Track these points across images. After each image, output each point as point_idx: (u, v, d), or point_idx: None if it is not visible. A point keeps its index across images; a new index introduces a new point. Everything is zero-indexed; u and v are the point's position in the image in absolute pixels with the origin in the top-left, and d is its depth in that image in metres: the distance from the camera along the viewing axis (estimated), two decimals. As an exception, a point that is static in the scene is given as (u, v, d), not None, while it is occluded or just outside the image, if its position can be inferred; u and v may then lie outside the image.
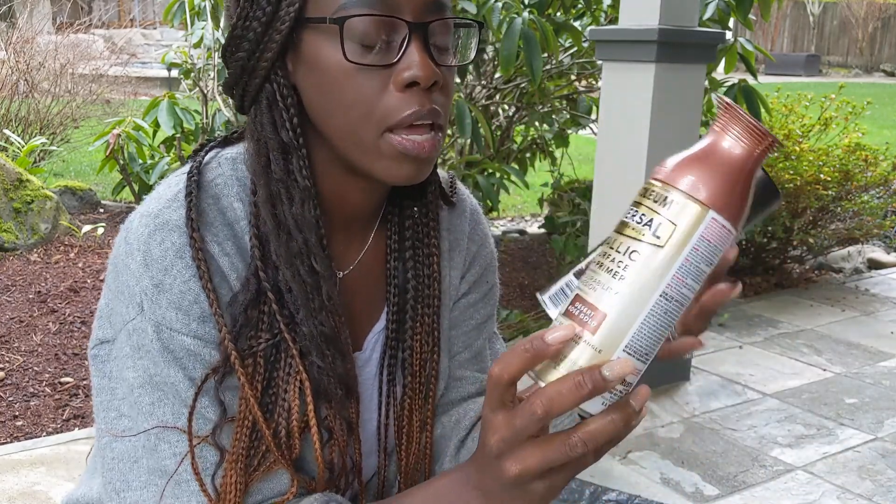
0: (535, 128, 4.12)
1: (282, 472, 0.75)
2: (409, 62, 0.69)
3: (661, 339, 0.57)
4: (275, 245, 0.74)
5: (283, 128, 0.73)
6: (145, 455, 0.73)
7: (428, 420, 0.89)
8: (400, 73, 0.69)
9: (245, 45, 0.73)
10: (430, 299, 0.86)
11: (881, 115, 10.82)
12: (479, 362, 0.95)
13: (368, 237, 0.86)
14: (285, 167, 0.73)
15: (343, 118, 0.71)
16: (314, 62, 0.71)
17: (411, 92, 0.70)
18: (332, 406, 0.77)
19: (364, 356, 0.87)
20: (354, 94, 0.70)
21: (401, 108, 0.70)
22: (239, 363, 0.71)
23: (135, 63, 9.75)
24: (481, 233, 0.95)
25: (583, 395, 0.55)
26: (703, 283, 0.58)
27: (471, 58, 0.77)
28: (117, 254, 0.75)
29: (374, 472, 0.91)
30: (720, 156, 0.57)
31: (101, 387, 0.76)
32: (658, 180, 0.58)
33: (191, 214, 0.72)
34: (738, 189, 0.57)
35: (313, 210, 0.74)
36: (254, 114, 0.75)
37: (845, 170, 3.91)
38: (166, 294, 0.71)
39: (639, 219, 0.57)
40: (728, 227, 0.57)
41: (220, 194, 0.76)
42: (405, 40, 0.69)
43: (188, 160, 0.80)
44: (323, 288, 0.74)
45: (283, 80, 0.73)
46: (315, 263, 0.74)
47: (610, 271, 0.57)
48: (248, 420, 0.73)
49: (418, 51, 0.69)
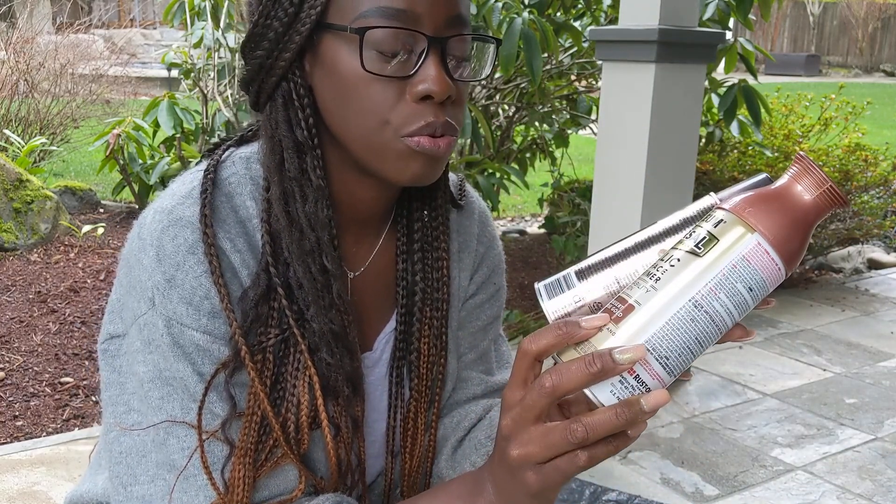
0: (535, 128, 4.12)
1: (288, 469, 0.76)
2: (425, 75, 0.70)
3: (686, 351, 0.57)
4: (287, 242, 0.74)
5: (298, 127, 0.74)
6: (154, 449, 0.73)
7: (432, 422, 0.89)
8: (415, 86, 0.70)
9: (265, 44, 0.74)
10: (439, 302, 0.87)
11: (881, 115, 10.82)
12: (484, 363, 0.95)
13: (380, 239, 0.86)
14: (299, 166, 0.74)
15: (357, 123, 0.73)
16: (332, 66, 0.72)
17: (426, 104, 0.71)
18: (339, 403, 0.78)
19: (374, 357, 0.87)
20: (369, 102, 0.71)
21: (414, 119, 0.71)
22: (249, 358, 0.72)
23: (135, 63, 9.75)
24: (489, 234, 0.95)
25: (591, 373, 0.55)
26: (741, 309, 0.58)
27: (486, 73, 0.78)
28: (130, 249, 0.75)
29: (379, 473, 0.91)
30: (784, 197, 0.58)
31: (110, 381, 0.77)
32: (716, 206, 0.60)
33: (205, 211, 0.73)
34: (794, 229, 0.57)
35: (326, 209, 0.75)
36: (269, 111, 0.76)
37: (845, 170, 3.91)
38: (178, 289, 0.72)
39: (688, 233, 0.59)
40: (775, 259, 0.57)
41: (233, 192, 0.77)
42: (423, 53, 0.70)
43: (204, 158, 0.81)
44: (333, 286, 0.75)
45: (300, 81, 0.74)
46: (326, 261, 0.75)
47: (649, 274, 0.58)
48: (256, 415, 0.73)
49: (435, 65, 0.70)
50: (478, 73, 0.78)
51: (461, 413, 0.93)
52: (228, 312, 0.72)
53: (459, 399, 0.93)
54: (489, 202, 3.30)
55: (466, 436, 0.91)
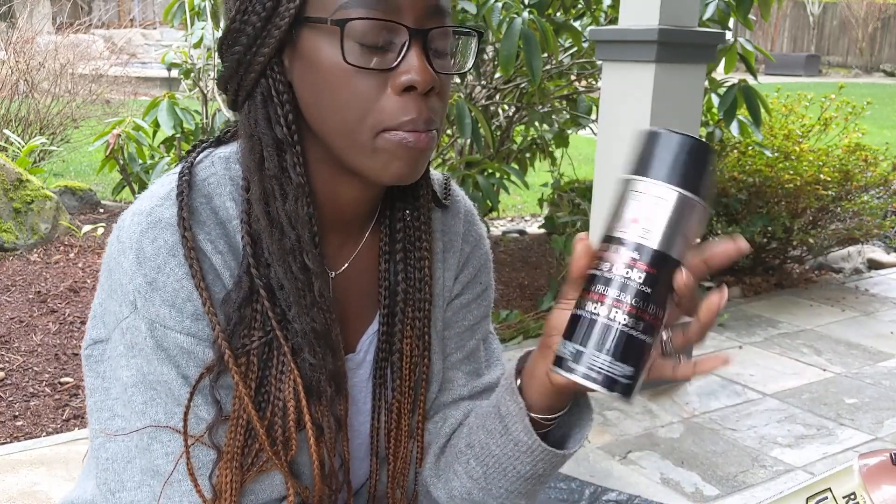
0: (535, 128, 4.12)
1: (275, 474, 0.75)
2: (408, 67, 0.69)
3: None
4: (267, 242, 0.73)
5: (277, 124, 0.73)
6: (138, 455, 0.72)
7: (418, 424, 0.88)
8: (398, 77, 0.69)
9: (243, 40, 0.72)
10: (421, 303, 0.86)
11: (881, 115, 10.81)
12: (472, 363, 0.94)
13: (362, 239, 0.85)
14: (279, 163, 0.73)
15: (338, 117, 0.71)
16: (312, 61, 0.71)
17: (408, 96, 0.70)
18: (322, 403, 0.77)
19: (358, 358, 0.86)
20: (351, 95, 0.70)
21: (397, 113, 0.70)
22: (233, 362, 0.71)
23: (135, 63, 9.73)
24: (476, 234, 0.94)
25: None
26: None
27: (469, 66, 0.77)
28: (110, 252, 0.75)
29: (366, 478, 0.90)
30: None
31: (94, 387, 0.76)
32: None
33: (182, 214, 0.72)
34: None
35: (306, 207, 0.74)
36: (248, 110, 0.75)
37: (845, 170, 3.91)
38: (160, 292, 0.71)
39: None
40: None
41: (212, 193, 0.75)
42: (405, 45, 0.69)
43: (182, 159, 0.80)
44: (315, 284, 0.74)
45: (279, 77, 0.73)
46: (307, 260, 0.74)
47: None
48: (242, 419, 0.73)
49: (417, 56, 0.69)
50: (461, 66, 0.77)
51: (442, 417, 0.91)
52: (211, 317, 0.71)
53: (445, 401, 0.92)
54: (489, 202, 3.29)
55: (448, 442, 0.90)
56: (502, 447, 0.80)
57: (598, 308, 0.66)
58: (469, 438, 0.85)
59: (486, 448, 0.82)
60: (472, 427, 0.85)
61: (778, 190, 3.79)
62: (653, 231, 0.65)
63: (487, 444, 0.81)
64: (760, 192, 3.81)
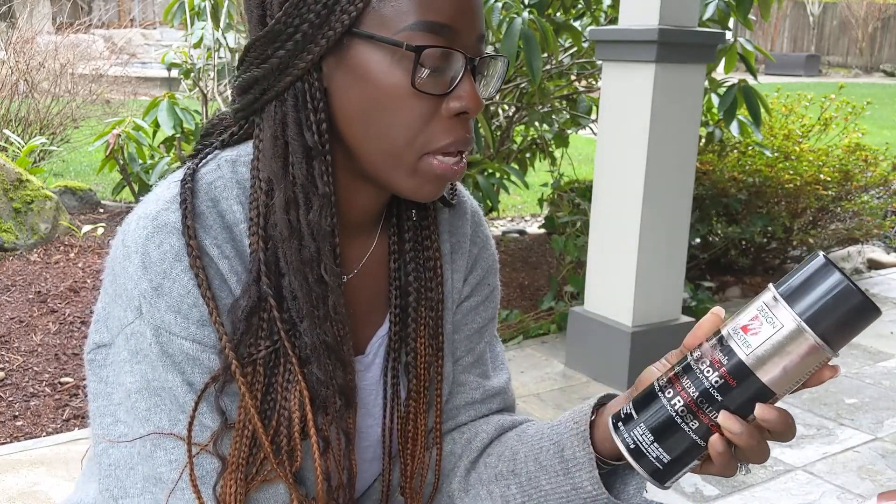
0: (535, 128, 4.12)
1: (280, 484, 0.74)
2: (462, 92, 0.72)
3: None
4: (284, 250, 0.72)
5: (308, 130, 0.72)
6: (141, 462, 0.72)
7: (436, 424, 0.88)
8: (451, 102, 0.72)
9: (290, 44, 0.71)
10: (433, 301, 0.85)
11: (881, 115, 10.82)
12: (480, 366, 0.94)
13: (372, 241, 0.85)
14: (307, 171, 0.72)
15: (387, 135, 0.72)
16: (363, 75, 0.71)
17: (457, 120, 0.72)
18: (328, 415, 0.76)
19: (367, 360, 0.86)
20: (405, 117, 0.71)
21: (443, 136, 0.72)
22: (239, 372, 0.70)
23: (135, 63, 9.73)
24: (483, 235, 0.94)
25: None
26: None
27: (497, 88, 0.80)
28: (114, 256, 0.73)
29: (376, 477, 0.90)
30: None
31: (97, 392, 0.75)
32: None
33: (186, 222, 0.71)
34: None
35: (330, 217, 0.73)
36: (274, 112, 0.73)
37: (845, 170, 3.91)
38: (165, 297, 0.70)
39: None
40: None
41: (219, 197, 0.74)
42: (460, 70, 0.71)
43: (187, 161, 0.79)
44: (330, 298, 0.73)
45: (317, 83, 0.72)
46: (324, 273, 0.73)
47: None
48: (248, 429, 0.72)
49: (471, 83, 0.72)
50: (493, 89, 0.80)
51: (472, 430, 0.91)
52: (218, 326, 0.70)
53: (458, 404, 0.92)
54: (489, 202, 3.30)
55: (479, 457, 0.89)
56: (556, 486, 0.81)
57: (668, 387, 0.67)
58: (514, 465, 0.85)
59: (535, 481, 0.83)
60: (520, 455, 0.85)
61: (778, 190, 3.79)
62: (753, 347, 0.63)
63: (538, 477, 0.82)
64: (760, 192, 3.81)
